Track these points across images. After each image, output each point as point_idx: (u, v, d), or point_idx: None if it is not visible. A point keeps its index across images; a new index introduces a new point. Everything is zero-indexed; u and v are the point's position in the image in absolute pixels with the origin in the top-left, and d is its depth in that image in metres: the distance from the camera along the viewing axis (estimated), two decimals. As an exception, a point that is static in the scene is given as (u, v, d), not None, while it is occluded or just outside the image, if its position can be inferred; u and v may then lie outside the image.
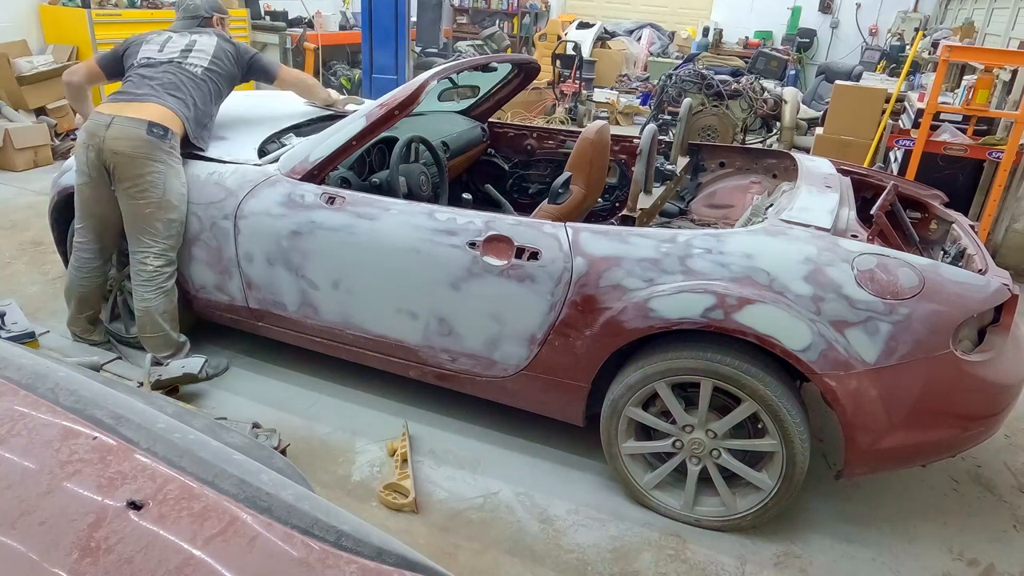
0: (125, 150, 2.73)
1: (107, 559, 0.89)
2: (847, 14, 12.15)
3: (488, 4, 13.23)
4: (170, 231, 2.83)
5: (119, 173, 2.77)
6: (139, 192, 2.76)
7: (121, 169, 2.76)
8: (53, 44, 6.49)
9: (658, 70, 10.31)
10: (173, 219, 2.82)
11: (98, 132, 2.75)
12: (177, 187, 2.82)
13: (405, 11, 5.98)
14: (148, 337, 2.95)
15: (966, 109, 4.61)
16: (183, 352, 3.03)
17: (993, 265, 2.32)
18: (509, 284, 2.39)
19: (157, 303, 2.88)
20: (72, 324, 3.18)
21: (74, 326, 3.19)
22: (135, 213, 2.80)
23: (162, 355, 2.97)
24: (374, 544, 0.96)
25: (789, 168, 3.36)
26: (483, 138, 4.08)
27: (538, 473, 2.63)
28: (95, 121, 2.79)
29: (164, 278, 2.87)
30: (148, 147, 2.74)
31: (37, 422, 1.10)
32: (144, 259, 2.84)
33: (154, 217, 2.79)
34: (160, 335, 2.93)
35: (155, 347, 2.97)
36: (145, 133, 2.74)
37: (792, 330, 2.08)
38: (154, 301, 2.87)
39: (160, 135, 2.76)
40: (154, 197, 2.77)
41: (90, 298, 3.12)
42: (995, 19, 7.23)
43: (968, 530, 2.51)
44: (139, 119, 2.75)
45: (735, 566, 2.28)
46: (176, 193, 2.81)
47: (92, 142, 2.76)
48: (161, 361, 2.97)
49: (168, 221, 2.81)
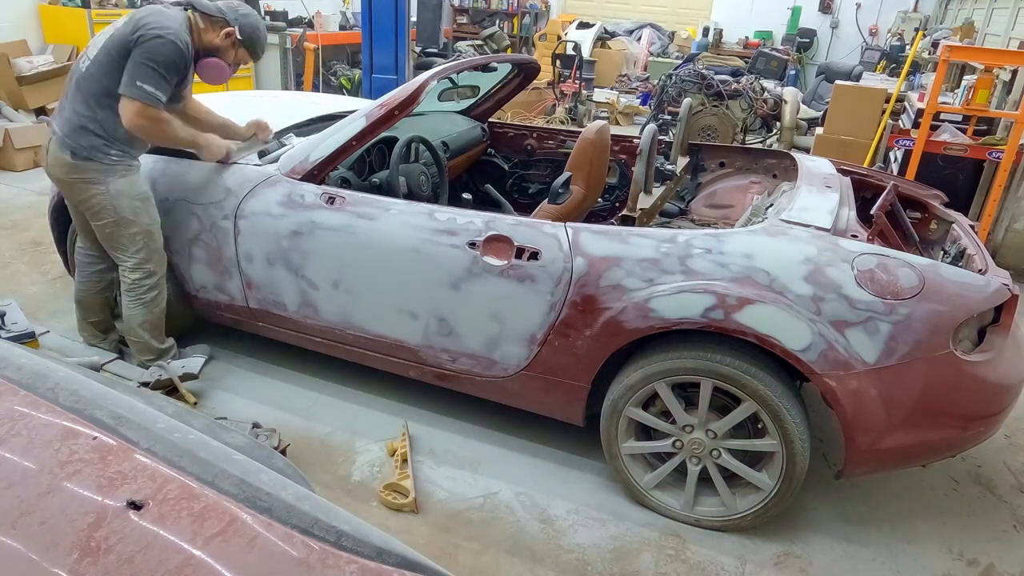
0: (60, 177, 2.64)
1: (107, 559, 0.89)
2: (847, 14, 12.15)
3: (488, 4, 13.22)
4: (136, 245, 2.73)
5: (69, 199, 2.74)
6: (93, 215, 2.69)
7: (69, 196, 2.72)
8: (53, 44, 6.49)
9: (658, 70, 10.31)
10: (134, 233, 2.72)
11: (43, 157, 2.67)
12: (127, 202, 2.66)
13: (405, 11, 5.98)
14: (132, 341, 2.97)
15: (966, 109, 4.61)
16: (168, 357, 3.00)
17: (993, 265, 2.32)
18: (509, 284, 2.39)
19: (135, 312, 2.86)
20: (80, 330, 3.15)
21: (82, 331, 3.15)
22: (99, 231, 2.75)
23: (144, 359, 2.97)
24: (374, 544, 0.96)
25: (789, 168, 3.36)
26: (483, 138, 4.08)
27: (538, 473, 2.63)
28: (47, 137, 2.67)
29: (143, 290, 2.82)
30: (79, 171, 2.59)
31: (37, 422, 1.10)
32: (123, 272, 2.82)
33: (117, 235, 2.72)
34: (140, 342, 2.93)
35: (137, 351, 2.98)
36: (70, 157, 2.56)
37: (792, 330, 2.08)
38: (133, 310, 2.85)
39: (84, 157, 2.56)
40: (108, 216, 2.67)
41: (92, 303, 3.06)
42: (995, 19, 7.23)
43: (968, 530, 2.51)
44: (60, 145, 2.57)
45: (735, 566, 2.28)
46: (129, 208, 2.67)
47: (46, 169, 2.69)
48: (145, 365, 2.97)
49: (131, 236, 2.72)
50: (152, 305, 2.86)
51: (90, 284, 3.03)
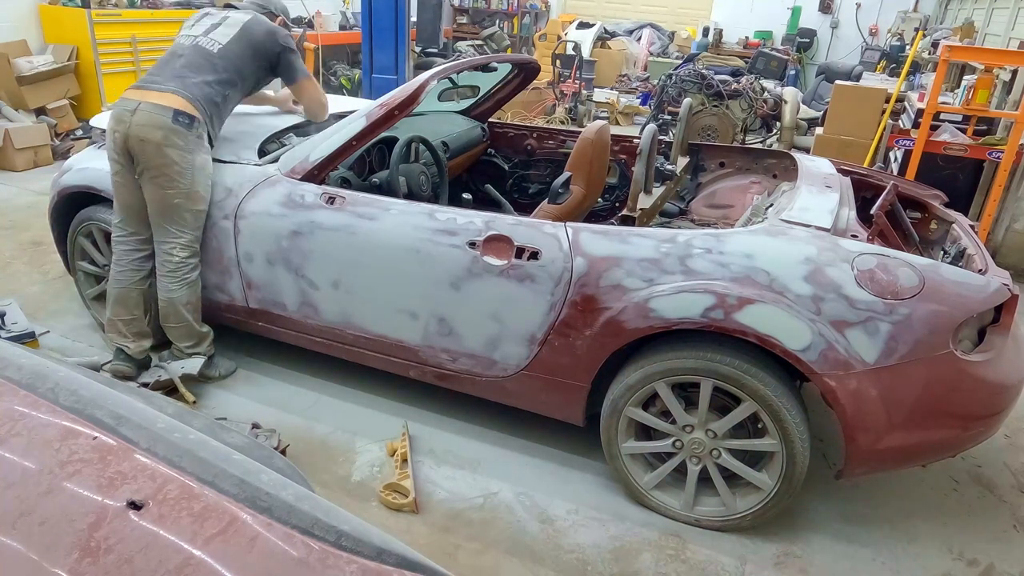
0: (151, 138, 2.66)
1: (107, 559, 0.89)
2: (847, 14, 12.15)
3: (488, 4, 13.22)
4: (197, 222, 2.80)
5: (145, 161, 2.70)
6: (167, 181, 2.70)
7: (147, 157, 2.69)
8: (53, 44, 6.49)
9: (658, 70, 10.32)
10: (200, 210, 2.78)
11: (124, 118, 2.68)
12: (204, 178, 2.76)
13: (405, 11, 5.99)
14: (171, 327, 2.93)
15: (966, 109, 4.61)
16: (206, 342, 3.01)
17: (993, 265, 2.32)
18: (509, 284, 2.39)
19: (181, 294, 2.85)
20: (108, 328, 2.98)
21: (110, 330, 2.96)
22: (162, 203, 2.74)
23: (184, 345, 2.96)
24: (374, 544, 0.96)
25: (789, 168, 3.36)
26: (483, 138, 4.08)
27: (538, 473, 2.63)
28: (121, 107, 2.71)
29: (188, 269, 2.84)
30: (174, 135, 2.67)
31: (37, 422, 1.10)
32: (171, 250, 2.80)
33: (183, 208, 2.74)
34: (183, 325, 2.91)
35: (178, 337, 2.95)
36: (171, 121, 2.66)
37: (792, 330, 2.08)
38: (178, 292, 2.84)
39: (186, 124, 2.69)
40: (182, 187, 2.71)
41: (129, 297, 2.91)
42: (995, 19, 7.23)
43: (968, 530, 2.51)
44: (165, 106, 2.67)
45: (735, 566, 2.28)
46: (203, 184, 2.76)
47: (119, 128, 2.69)
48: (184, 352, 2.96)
49: (196, 212, 2.77)
50: (195, 286, 2.88)
51: (130, 273, 2.90)
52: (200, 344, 2.99)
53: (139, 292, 2.93)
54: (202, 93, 2.76)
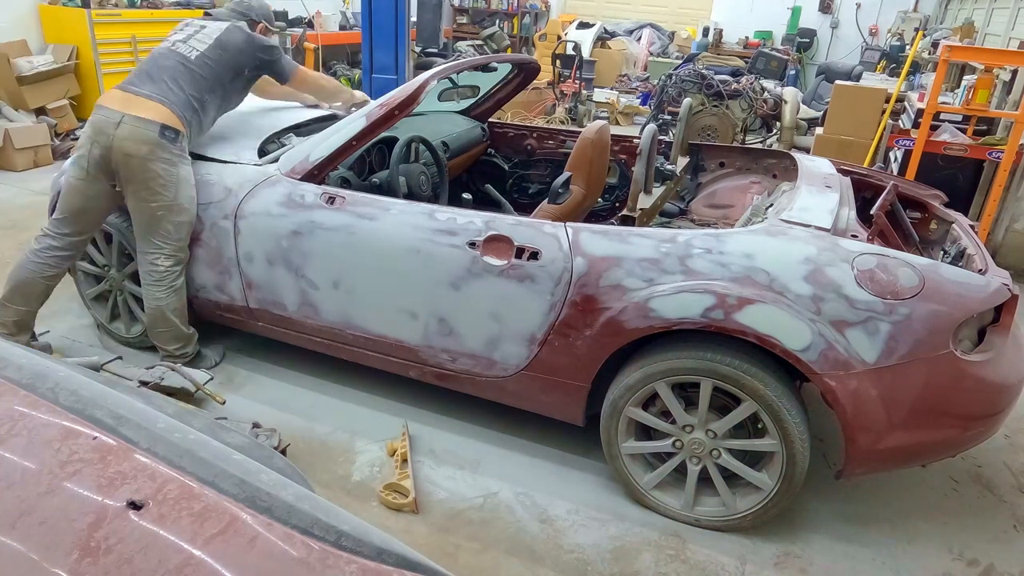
0: (137, 152, 2.67)
1: (107, 559, 0.89)
2: (847, 14, 12.15)
3: (488, 4, 13.22)
4: (180, 233, 2.81)
5: (128, 175, 2.71)
6: (150, 194, 2.72)
7: (131, 171, 2.70)
8: (53, 44, 6.48)
9: (658, 70, 10.32)
10: (183, 221, 2.80)
11: (107, 131, 2.68)
12: (187, 190, 2.79)
13: (405, 11, 5.98)
14: (160, 332, 2.95)
15: (966, 109, 4.61)
16: (192, 343, 3.04)
17: (993, 265, 2.32)
18: (509, 284, 2.39)
19: (169, 301, 2.88)
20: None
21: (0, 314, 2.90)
22: (146, 215, 2.77)
23: (172, 347, 2.98)
24: (374, 544, 0.96)
25: (789, 168, 3.36)
26: (483, 138, 4.08)
27: (538, 473, 2.63)
28: (103, 118, 2.70)
29: (174, 277, 2.87)
30: (160, 150, 2.69)
31: (37, 422, 1.10)
32: (155, 260, 2.82)
33: (165, 219, 2.77)
34: (171, 330, 2.94)
35: (166, 341, 2.97)
36: (158, 136, 2.68)
37: (792, 330, 2.08)
38: (166, 300, 2.87)
39: (172, 138, 2.71)
40: (165, 200, 2.74)
41: (33, 289, 2.88)
42: (995, 19, 7.23)
43: (968, 530, 2.51)
44: (150, 120, 2.68)
45: (735, 566, 2.28)
46: (186, 196, 2.79)
47: (100, 140, 2.69)
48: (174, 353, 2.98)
49: (179, 223, 2.79)
50: (181, 292, 2.91)
51: (45, 267, 2.88)
52: (187, 345, 3.02)
53: (46, 287, 2.93)
54: (181, 100, 2.77)
